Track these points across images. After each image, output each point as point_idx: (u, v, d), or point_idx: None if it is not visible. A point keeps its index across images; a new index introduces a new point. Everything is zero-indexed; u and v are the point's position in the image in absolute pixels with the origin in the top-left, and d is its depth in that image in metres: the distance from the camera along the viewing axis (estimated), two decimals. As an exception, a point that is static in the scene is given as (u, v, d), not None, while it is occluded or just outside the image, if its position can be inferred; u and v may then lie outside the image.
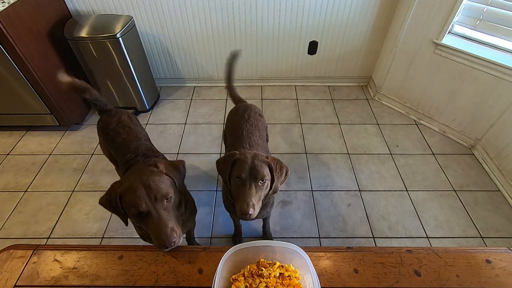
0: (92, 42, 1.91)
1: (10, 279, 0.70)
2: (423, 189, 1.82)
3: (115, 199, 0.79)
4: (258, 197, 0.94)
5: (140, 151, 1.20)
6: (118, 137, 1.25)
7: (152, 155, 1.20)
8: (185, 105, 2.47)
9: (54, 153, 2.05)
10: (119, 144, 1.24)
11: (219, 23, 2.25)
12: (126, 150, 1.21)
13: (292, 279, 0.66)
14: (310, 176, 1.90)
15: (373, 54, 2.46)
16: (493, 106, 1.82)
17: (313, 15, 2.21)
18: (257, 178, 0.92)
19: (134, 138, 1.25)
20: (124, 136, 1.25)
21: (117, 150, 1.25)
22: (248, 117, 1.35)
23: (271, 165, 0.97)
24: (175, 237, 0.75)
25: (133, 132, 1.27)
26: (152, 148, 1.27)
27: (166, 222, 0.76)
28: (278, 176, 1.00)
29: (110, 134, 1.27)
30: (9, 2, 1.63)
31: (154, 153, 1.22)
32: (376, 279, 0.70)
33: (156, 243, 0.75)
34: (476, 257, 0.74)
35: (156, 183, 0.80)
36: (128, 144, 1.22)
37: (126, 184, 0.80)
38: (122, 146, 1.23)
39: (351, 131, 2.22)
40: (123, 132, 1.26)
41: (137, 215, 0.78)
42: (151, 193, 0.77)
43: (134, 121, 1.35)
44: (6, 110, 2.04)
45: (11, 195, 1.79)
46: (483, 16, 1.73)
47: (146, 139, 1.32)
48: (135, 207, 0.76)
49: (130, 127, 1.29)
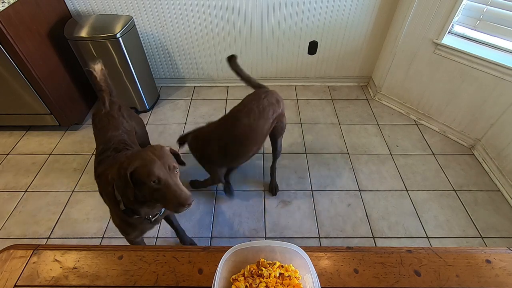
0: (92, 42, 1.91)
1: (10, 279, 0.70)
2: (423, 189, 1.82)
3: (125, 175, 0.84)
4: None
5: (112, 144, 1.16)
6: (99, 125, 1.22)
7: (123, 148, 1.16)
8: (185, 105, 2.47)
9: (54, 153, 2.05)
10: (97, 133, 1.22)
11: (219, 23, 2.25)
12: (100, 140, 1.19)
13: (292, 279, 0.66)
14: (310, 176, 1.90)
15: (373, 54, 2.46)
16: (493, 106, 1.82)
17: (313, 15, 2.21)
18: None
19: (112, 128, 1.21)
20: (104, 124, 1.21)
21: (96, 139, 1.23)
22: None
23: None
24: (191, 197, 0.87)
25: (114, 122, 1.23)
26: (125, 141, 1.21)
27: (182, 186, 0.88)
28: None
29: (95, 121, 1.25)
30: (9, 2, 1.63)
31: (126, 146, 1.18)
32: (376, 279, 0.70)
33: (176, 203, 0.85)
34: (476, 257, 0.74)
35: (168, 156, 0.91)
36: (103, 134, 1.19)
37: (138, 161, 0.86)
38: (99, 135, 1.21)
39: (351, 131, 2.22)
40: (105, 120, 1.23)
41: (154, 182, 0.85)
42: (165, 163, 0.87)
43: (122, 113, 1.30)
44: (6, 110, 2.04)
45: (11, 195, 1.79)
46: (483, 16, 1.73)
47: (125, 131, 1.24)
48: (154, 175, 0.84)
49: (113, 116, 1.24)
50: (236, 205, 1.75)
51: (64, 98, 2.07)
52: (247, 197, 1.79)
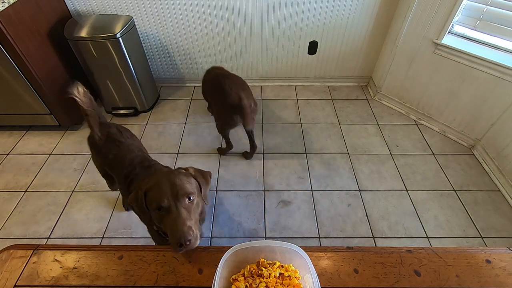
0: (92, 42, 1.91)
1: (10, 279, 0.70)
2: (423, 189, 1.82)
3: (141, 196, 0.81)
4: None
5: (136, 164, 1.17)
6: (110, 153, 1.22)
7: (149, 165, 1.18)
8: (185, 105, 2.47)
9: (54, 153, 2.05)
10: (112, 160, 1.22)
11: (219, 23, 2.25)
12: (120, 165, 1.19)
13: (292, 279, 0.66)
14: (310, 176, 1.90)
15: (373, 54, 2.46)
16: (493, 106, 1.82)
17: (313, 15, 2.21)
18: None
19: (126, 152, 1.22)
20: (115, 151, 1.22)
21: (111, 166, 1.23)
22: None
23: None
24: (191, 235, 0.72)
25: (124, 146, 1.25)
26: (147, 157, 1.24)
27: (185, 220, 0.75)
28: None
29: (101, 150, 1.25)
30: (9, 2, 1.63)
31: (150, 162, 1.20)
32: (376, 279, 0.70)
33: (171, 240, 0.73)
34: (476, 257, 0.74)
35: (181, 181, 0.81)
36: (121, 159, 1.20)
37: (152, 181, 0.82)
38: (115, 161, 1.21)
39: (351, 131, 2.22)
40: (114, 147, 1.23)
41: (158, 210, 0.78)
42: (174, 189, 0.78)
43: (124, 134, 1.32)
44: (6, 110, 2.04)
45: (11, 195, 1.79)
46: (483, 16, 1.73)
47: (139, 149, 1.28)
48: (156, 201, 0.77)
49: (120, 141, 1.26)
50: (236, 205, 1.75)
51: (64, 98, 2.07)
52: (247, 197, 1.79)
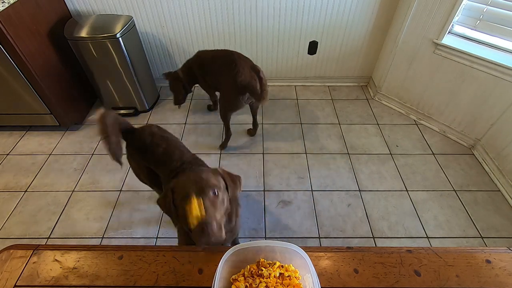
0: (92, 42, 1.91)
1: (10, 279, 0.70)
2: (423, 189, 1.82)
3: (170, 195, 0.84)
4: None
5: (186, 159, 1.18)
6: (158, 148, 1.22)
7: (200, 164, 1.18)
8: (185, 105, 2.47)
9: (54, 153, 2.05)
10: (160, 155, 1.21)
11: (219, 23, 2.25)
12: (169, 159, 1.19)
13: (292, 279, 0.66)
14: (310, 176, 1.90)
15: (373, 54, 2.46)
16: (493, 106, 1.82)
17: (313, 15, 2.21)
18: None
19: (174, 147, 1.23)
20: (164, 145, 1.23)
21: (159, 162, 1.22)
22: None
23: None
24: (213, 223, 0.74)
25: (171, 142, 1.26)
26: (196, 157, 1.24)
27: (207, 208, 0.76)
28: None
29: (148, 149, 1.24)
30: (9, 2, 1.63)
31: (200, 161, 1.21)
32: (376, 279, 0.70)
33: (193, 230, 0.75)
34: (476, 257, 0.74)
35: (207, 177, 0.83)
36: (170, 153, 1.20)
37: (180, 179, 0.84)
38: (164, 156, 1.21)
39: (351, 131, 2.22)
40: (162, 142, 1.24)
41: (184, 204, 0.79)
42: (199, 182, 0.80)
43: (166, 131, 1.33)
44: (6, 110, 2.04)
45: (11, 195, 1.79)
46: (483, 16, 1.73)
47: (183, 146, 1.29)
48: (182, 194, 0.79)
49: (166, 137, 1.27)
50: (236, 205, 1.75)
51: (64, 98, 2.07)
52: (247, 197, 1.79)
